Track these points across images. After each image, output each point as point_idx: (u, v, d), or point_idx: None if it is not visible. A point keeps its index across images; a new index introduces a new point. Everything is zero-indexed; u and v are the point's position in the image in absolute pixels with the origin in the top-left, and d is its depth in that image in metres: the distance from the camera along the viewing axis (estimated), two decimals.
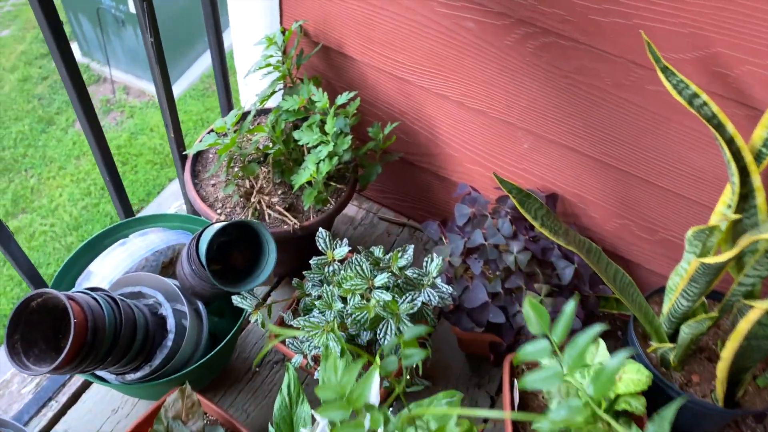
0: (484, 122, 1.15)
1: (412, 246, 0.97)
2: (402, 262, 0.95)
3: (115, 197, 1.10)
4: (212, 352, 0.96)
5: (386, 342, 0.90)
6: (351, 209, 1.45)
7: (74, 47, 3.63)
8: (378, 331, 0.91)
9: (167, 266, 1.09)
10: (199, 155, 1.18)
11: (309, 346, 0.94)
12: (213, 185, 1.14)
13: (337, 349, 0.86)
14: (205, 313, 1.03)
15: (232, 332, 1.00)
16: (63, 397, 1.09)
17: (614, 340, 1.27)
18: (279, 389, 0.85)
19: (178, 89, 3.45)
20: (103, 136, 1.00)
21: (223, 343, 0.98)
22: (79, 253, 1.03)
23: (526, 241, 1.01)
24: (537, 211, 0.86)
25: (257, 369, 1.16)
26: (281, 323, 1.02)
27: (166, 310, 0.95)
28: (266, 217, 1.09)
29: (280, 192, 1.13)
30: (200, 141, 1.08)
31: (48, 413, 1.07)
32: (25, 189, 3.11)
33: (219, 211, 1.11)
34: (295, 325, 0.90)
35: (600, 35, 0.92)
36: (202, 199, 1.11)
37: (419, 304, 0.91)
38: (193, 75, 3.51)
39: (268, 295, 1.28)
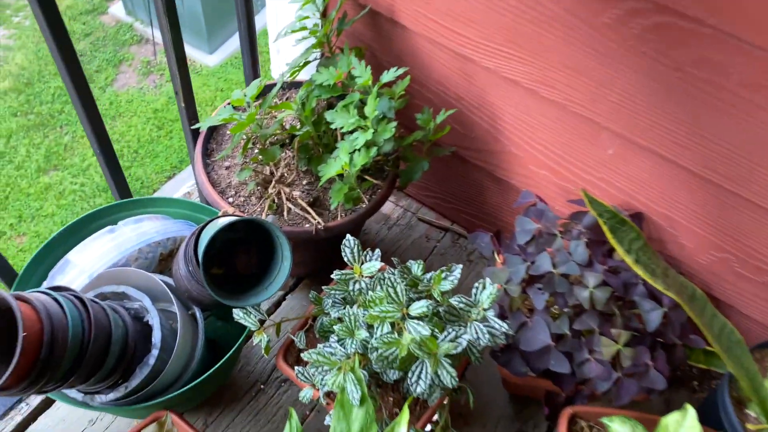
0: (560, 117, 0.93)
1: (460, 266, 0.77)
2: (446, 286, 0.76)
3: (107, 172, 0.92)
4: (206, 374, 0.78)
5: (419, 389, 0.71)
6: (386, 206, 1.26)
7: (118, 6, 3.53)
8: (410, 374, 0.72)
9: (166, 258, 0.92)
10: (214, 131, 1.00)
11: (322, 380, 0.76)
12: (227, 168, 0.96)
13: (356, 395, 0.67)
14: (202, 320, 0.86)
15: (235, 348, 0.83)
16: (35, 400, 0.94)
17: (689, 391, 1.06)
18: (285, 410, 0.67)
19: (220, 56, 3.34)
20: (93, 100, 0.82)
21: (222, 362, 0.80)
22: (57, 238, 0.86)
23: (604, 272, 0.80)
24: (632, 243, 0.65)
25: (262, 387, 0.99)
26: (289, 347, 0.84)
27: (153, 319, 0.78)
28: (285, 212, 0.91)
29: (304, 182, 0.95)
30: (215, 114, 0.90)
31: (17, 417, 0.92)
32: (58, 146, 3.05)
33: (231, 199, 0.93)
34: (305, 358, 0.72)
35: (738, 16, 0.69)
36: (213, 184, 0.93)
37: (464, 343, 0.72)
38: (236, 43, 3.37)
39: (282, 299, 1.10)
